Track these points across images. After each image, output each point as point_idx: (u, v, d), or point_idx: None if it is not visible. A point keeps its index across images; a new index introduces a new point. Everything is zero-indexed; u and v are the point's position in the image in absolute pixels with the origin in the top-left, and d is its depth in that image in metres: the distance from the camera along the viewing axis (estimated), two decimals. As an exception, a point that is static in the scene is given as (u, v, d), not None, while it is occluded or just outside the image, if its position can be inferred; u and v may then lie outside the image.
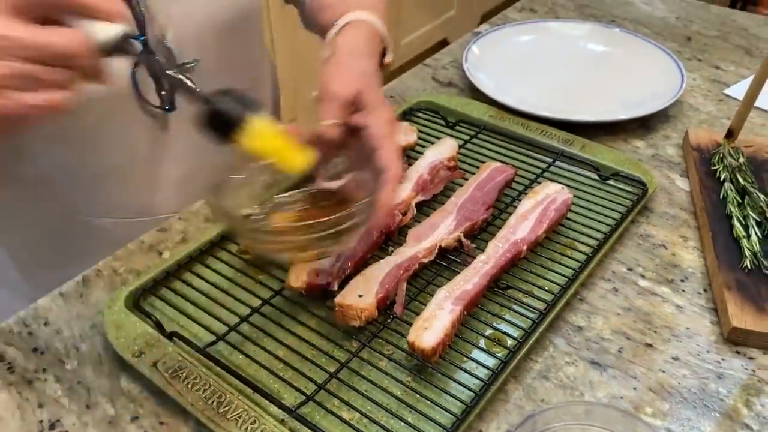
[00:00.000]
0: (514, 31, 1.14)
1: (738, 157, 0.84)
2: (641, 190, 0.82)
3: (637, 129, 0.96)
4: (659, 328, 0.68)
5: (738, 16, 1.24)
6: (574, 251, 0.75)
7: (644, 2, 1.30)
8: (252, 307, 0.68)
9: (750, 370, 0.64)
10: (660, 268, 0.75)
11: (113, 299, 0.68)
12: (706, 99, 1.03)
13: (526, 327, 0.65)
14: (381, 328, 0.65)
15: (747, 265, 0.71)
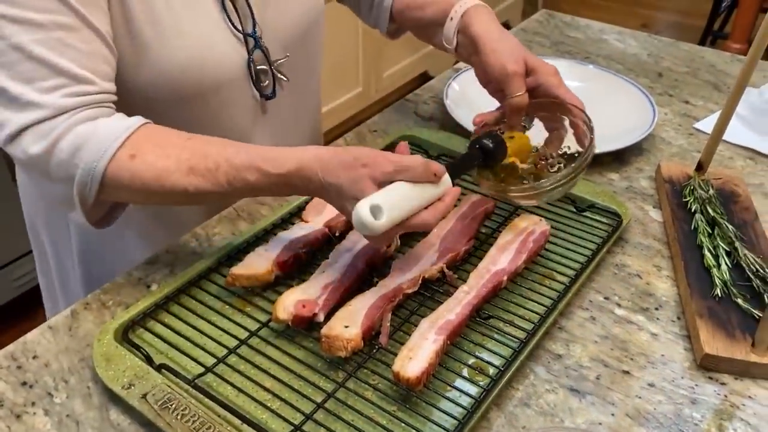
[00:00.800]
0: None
1: (708, 189, 0.88)
2: (616, 221, 0.85)
3: (611, 162, 0.99)
4: (635, 356, 0.70)
5: (706, 53, 1.30)
6: (552, 281, 0.78)
7: (617, 39, 1.35)
8: (240, 339, 0.69)
9: (722, 396, 0.66)
10: (635, 296, 0.77)
11: (102, 332, 0.69)
12: (677, 133, 1.07)
13: (507, 356, 0.67)
14: (367, 359, 0.67)
15: (718, 294, 0.74)
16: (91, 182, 0.68)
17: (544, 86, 0.84)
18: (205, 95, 0.82)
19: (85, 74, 0.69)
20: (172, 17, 0.77)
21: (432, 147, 0.99)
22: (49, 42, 0.67)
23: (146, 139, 0.70)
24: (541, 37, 1.36)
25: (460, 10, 0.88)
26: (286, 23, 0.89)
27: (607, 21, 1.43)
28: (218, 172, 0.69)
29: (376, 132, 1.06)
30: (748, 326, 0.70)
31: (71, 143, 0.67)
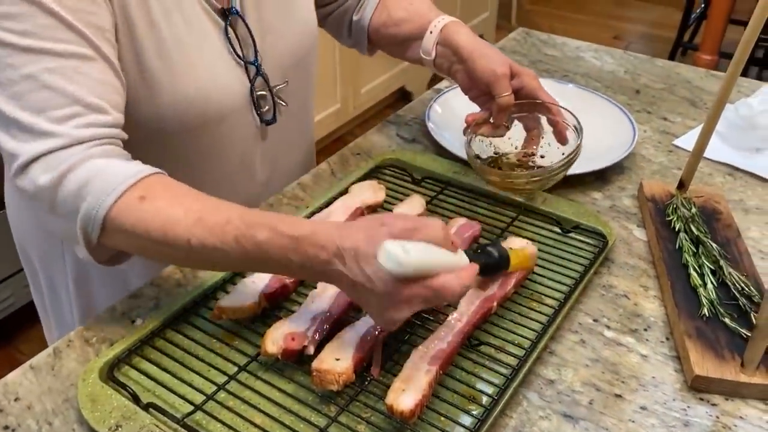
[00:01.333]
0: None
1: (690, 207, 0.88)
2: (602, 242, 0.85)
3: (594, 181, 1.00)
4: (626, 378, 0.70)
5: (681, 69, 1.32)
6: (541, 304, 0.78)
7: (594, 57, 1.37)
8: (228, 375, 0.68)
9: (714, 417, 0.67)
10: (624, 318, 0.78)
11: (87, 371, 0.67)
12: (657, 150, 1.08)
13: (499, 383, 0.67)
14: (359, 392, 0.66)
15: (705, 313, 0.74)
16: (95, 219, 0.65)
17: (527, 88, 0.92)
18: (210, 124, 0.83)
19: (99, 103, 0.68)
20: (181, 50, 0.78)
21: (416, 170, 0.99)
22: (62, 70, 0.66)
23: (159, 185, 0.68)
24: (519, 56, 1.37)
25: (438, 25, 0.95)
26: (284, 50, 0.91)
27: (580, 34, 1.46)
28: (228, 226, 0.64)
29: (359, 155, 1.06)
30: (736, 346, 0.71)
31: (82, 176, 0.65)
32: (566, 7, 4.42)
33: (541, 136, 0.95)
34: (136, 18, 0.74)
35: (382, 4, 1.02)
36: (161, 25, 0.76)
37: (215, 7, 0.82)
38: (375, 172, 0.99)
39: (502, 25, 3.96)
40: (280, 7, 0.89)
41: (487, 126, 0.93)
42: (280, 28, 0.89)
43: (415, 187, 0.96)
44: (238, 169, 0.91)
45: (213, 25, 0.82)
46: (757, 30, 0.78)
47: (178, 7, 0.78)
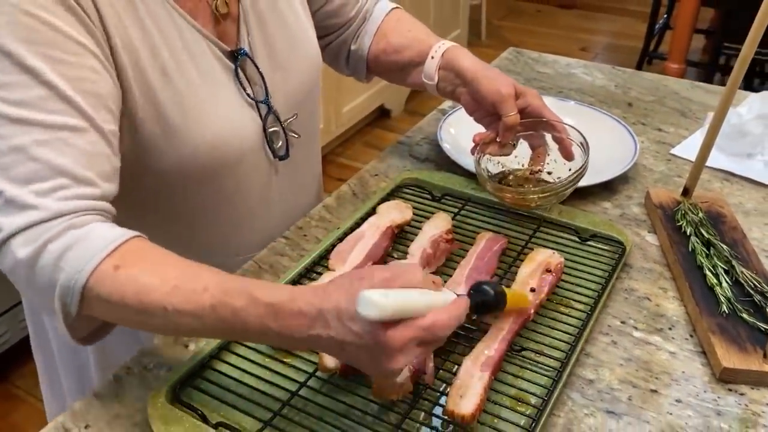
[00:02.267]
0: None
1: (697, 212, 0.95)
2: (619, 248, 0.91)
3: (602, 192, 1.06)
4: (659, 374, 0.76)
5: (669, 82, 1.39)
6: (571, 309, 0.83)
7: (585, 73, 1.44)
8: (291, 391, 0.72)
9: (743, 405, 0.72)
10: (648, 318, 0.83)
11: (154, 395, 0.70)
12: (656, 159, 1.15)
13: (545, 384, 0.72)
14: (417, 400, 0.70)
15: (724, 310, 0.80)
16: (74, 290, 0.63)
17: (531, 107, 0.96)
18: (229, 166, 0.85)
19: (87, 175, 0.67)
20: (195, 97, 0.80)
21: (435, 188, 1.04)
22: (52, 142, 0.65)
23: (137, 253, 0.66)
24: (513, 75, 1.43)
25: (440, 50, 0.98)
26: (293, 84, 0.93)
27: (549, 47, 1.53)
28: (205, 293, 0.62)
29: (377, 176, 1.11)
30: (756, 339, 0.77)
31: (60, 246, 0.63)
32: (533, 22, 4.55)
33: (547, 153, 0.99)
34: (149, 73, 0.76)
35: (381, 32, 1.04)
36: (175, 76, 0.78)
37: (224, 50, 0.83)
38: (396, 192, 1.04)
39: (473, 41, 4.06)
40: (288, 44, 0.92)
41: (494, 145, 0.97)
42: (288, 65, 0.91)
43: (437, 204, 1.01)
44: (256, 206, 0.93)
45: (223, 68, 0.83)
46: (753, 47, 0.85)
47: (190, 56, 0.79)
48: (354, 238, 0.90)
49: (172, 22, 0.78)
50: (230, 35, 0.85)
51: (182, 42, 0.79)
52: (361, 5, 1.05)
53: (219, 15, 0.83)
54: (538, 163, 1.00)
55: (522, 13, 4.68)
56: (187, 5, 0.80)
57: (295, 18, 0.93)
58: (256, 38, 0.87)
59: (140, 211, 0.83)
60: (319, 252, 0.90)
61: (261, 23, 0.88)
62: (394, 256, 0.91)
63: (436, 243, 0.88)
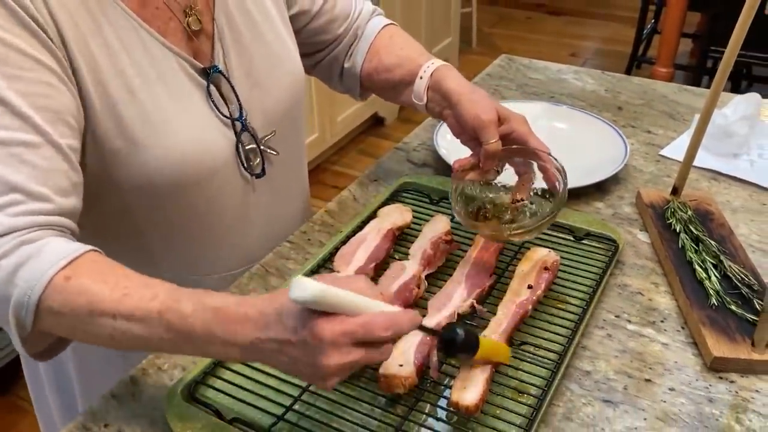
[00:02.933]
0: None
1: (686, 210, 0.99)
2: (612, 246, 0.95)
3: (595, 192, 1.09)
4: (653, 365, 0.79)
5: (657, 86, 1.43)
6: (567, 305, 0.86)
7: (575, 78, 1.48)
8: (302, 386, 0.75)
9: (734, 392, 0.76)
10: (641, 312, 0.87)
11: (171, 394, 0.73)
12: (645, 161, 1.18)
13: (545, 376, 0.75)
14: (422, 392, 0.74)
15: (714, 303, 0.84)
16: (28, 306, 0.63)
17: (516, 134, 0.91)
18: (200, 183, 0.84)
19: (41, 191, 0.67)
20: (161, 113, 0.79)
21: (433, 192, 1.07)
22: (6, 159, 0.65)
23: (88, 265, 0.66)
24: (506, 81, 1.47)
25: (428, 70, 0.96)
26: (271, 103, 0.92)
27: (539, 53, 1.57)
28: (154, 300, 0.62)
29: (376, 181, 1.14)
30: (744, 329, 0.80)
31: (13, 262, 0.63)
32: (523, 29, 4.61)
33: (532, 181, 0.92)
34: (113, 90, 0.76)
35: (373, 50, 1.03)
36: (140, 93, 0.78)
37: (197, 67, 0.83)
38: (396, 196, 1.07)
39: (464, 48, 4.11)
40: (267, 61, 0.91)
41: (475, 171, 0.92)
42: (266, 82, 0.91)
43: (435, 207, 1.05)
44: (232, 223, 0.92)
45: (195, 86, 0.83)
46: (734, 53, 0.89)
47: (158, 74, 0.79)
48: (357, 240, 0.94)
49: (138, 39, 0.78)
50: (204, 53, 0.85)
51: (149, 59, 0.78)
52: (351, 22, 1.04)
53: (191, 32, 0.83)
54: (522, 192, 0.92)
55: (512, 20, 4.74)
56: (155, 23, 0.80)
57: (275, 35, 0.92)
58: (231, 56, 0.87)
59: (110, 226, 0.83)
60: (323, 255, 0.93)
61: (237, 41, 0.88)
62: (395, 257, 0.94)
63: (436, 244, 0.91)
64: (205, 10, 0.85)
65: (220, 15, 0.86)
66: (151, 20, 0.80)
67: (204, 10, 0.85)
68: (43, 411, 1.08)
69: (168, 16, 0.82)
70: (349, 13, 1.04)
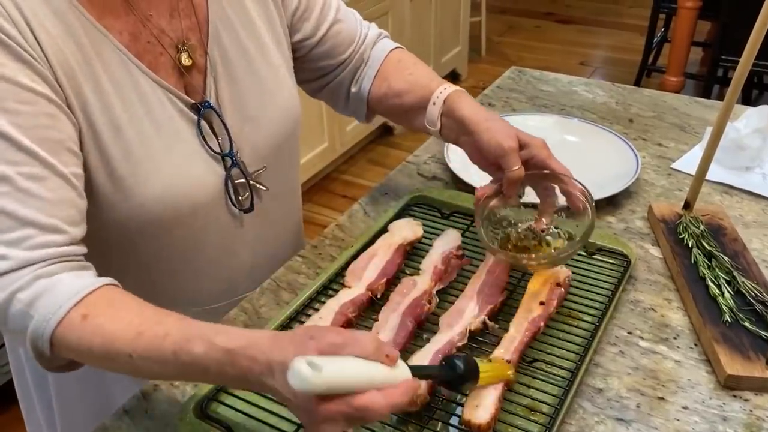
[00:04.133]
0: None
1: (699, 225, 0.98)
2: (624, 261, 0.94)
3: (606, 206, 1.09)
4: (666, 383, 0.79)
5: (667, 98, 1.43)
6: (579, 321, 0.86)
7: (586, 90, 1.48)
8: (313, 404, 0.75)
9: (748, 411, 0.75)
10: (654, 329, 0.86)
11: (183, 410, 0.73)
12: (657, 174, 1.18)
13: (557, 394, 0.75)
14: (434, 410, 0.73)
15: (727, 320, 0.83)
16: (43, 338, 0.66)
17: (537, 158, 0.89)
18: (184, 219, 0.84)
19: (53, 223, 0.69)
20: (145, 150, 0.79)
21: (444, 205, 1.07)
22: (14, 195, 0.67)
23: (103, 301, 0.68)
24: (517, 93, 1.47)
25: (441, 96, 0.94)
26: (263, 136, 0.91)
27: (548, 62, 1.57)
28: (166, 339, 0.64)
29: (387, 195, 1.14)
30: (759, 346, 0.80)
31: (30, 295, 0.66)
32: (533, 37, 4.61)
33: (556, 205, 0.92)
34: (99, 125, 0.76)
35: (381, 75, 1.01)
36: (127, 129, 0.77)
37: (187, 102, 0.83)
38: (407, 210, 1.07)
39: (473, 57, 4.12)
40: (260, 96, 0.90)
41: (498, 199, 0.92)
42: (259, 117, 0.90)
43: (446, 222, 1.05)
44: (217, 257, 0.92)
45: (186, 121, 0.83)
46: (747, 68, 0.89)
47: (147, 110, 0.79)
48: (368, 255, 0.94)
49: (128, 74, 0.78)
50: (196, 87, 0.85)
51: (137, 94, 0.78)
52: (357, 46, 1.03)
53: (182, 68, 0.83)
54: (545, 215, 0.92)
55: (521, 29, 4.74)
56: (146, 58, 0.80)
57: (270, 69, 0.91)
58: (224, 90, 0.86)
59: (98, 257, 0.81)
60: (335, 269, 0.93)
61: (230, 75, 0.87)
62: (406, 272, 0.94)
63: (447, 259, 0.91)
64: (198, 45, 0.85)
65: (213, 49, 0.86)
66: (142, 55, 0.80)
67: (197, 45, 0.85)
68: (33, 426, 1.09)
69: (159, 51, 0.81)
70: (355, 37, 1.02)
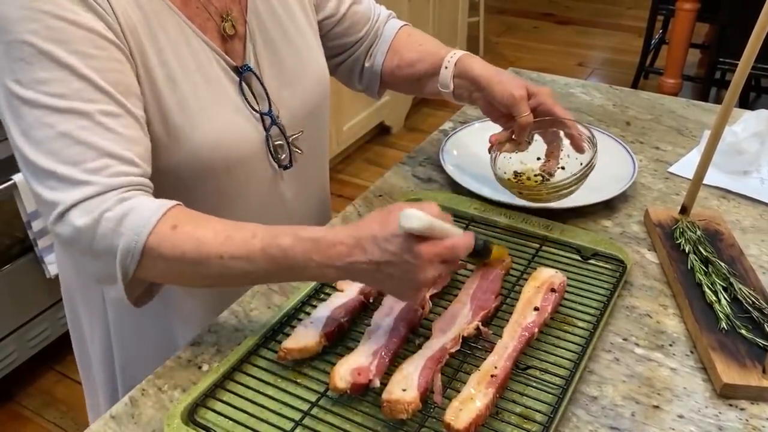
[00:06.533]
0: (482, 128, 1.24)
1: (695, 230, 0.97)
2: (620, 266, 0.93)
3: (602, 210, 1.08)
4: (661, 390, 0.78)
5: (665, 101, 1.42)
6: (574, 327, 0.85)
7: (583, 92, 1.47)
8: (302, 411, 0.73)
9: (744, 420, 0.74)
10: (649, 335, 0.85)
11: (170, 416, 0.72)
12: (654, 178, 1.17)
13: (550, 402, 0.73)
14: (425, 418, 0.72)
15: (724, 327, 0.82)
16: (134, 251, 0.71)
17: (543, 106, 1.02)
18: (230, 170, 0.90)
19: (128, 155, 0.75)
20: (198, 102, 0.85)
21: (439, 208, 1.06)
22: (93, 127, 0.73)
23: (186, 214, 0.76)
24: (513, 94, 1.46)
25: (452, 60, 1.05)
26: (299, 102, 0.98)
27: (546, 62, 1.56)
28: (254, 239, 0.72)
29: (381, 197, 1.13)
30: (755, 354, 0.79)
31: (118, 213, 0.72)
32: (530, 38, 4.60)
33: (561, 148, 1.05)
34: (158, 78, 0.82)
35: (393, 48, 1.11)
36: (181, 82, 0.84)
37: (231, 64, 0.90)
38: (401, 213, 1.06)
39: (472, 57, 4.10)
40: (295, 62, 0.97)
41: (510, 143, 1.04)
42: (295, 83, 0.97)
43: (441, 225, 1.03)
44: (259, 207, 0.97)
45: (229, 81, 0.90)
46: (745, 72, 0.88)
47: (198, 66, 0.86)
48: (361, 259, 0.92)
49: (181, 33, 0.84)
50: (237, 53, 0.92)
51: (190, 51, 0.85)
52: (371, 25, 1.12)
53: (226, 35, 0.90)
54: (553, 158, 1.06)
55: (519, 30, 4.73)
56: (196, 21, 0.86)
57: (303, 39, 0.99)
58: (262, 57, 0.93)
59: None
60: (327, 273, 0.92)
61: (268, 43, 0.94)
62: (400, 276, 0.93)
63: (442, 263, 0.90)
64: (238, 16, 0.92)
65: (252, 19, 0.93)
66: (193, 18, 0.86)
67: (238, 16, 0.92)
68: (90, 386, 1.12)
69: (206, 16, 0.88)
70: (370, 16, 1.12)
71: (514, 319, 0.82)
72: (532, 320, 0.81)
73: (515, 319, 0.82)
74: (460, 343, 0.79)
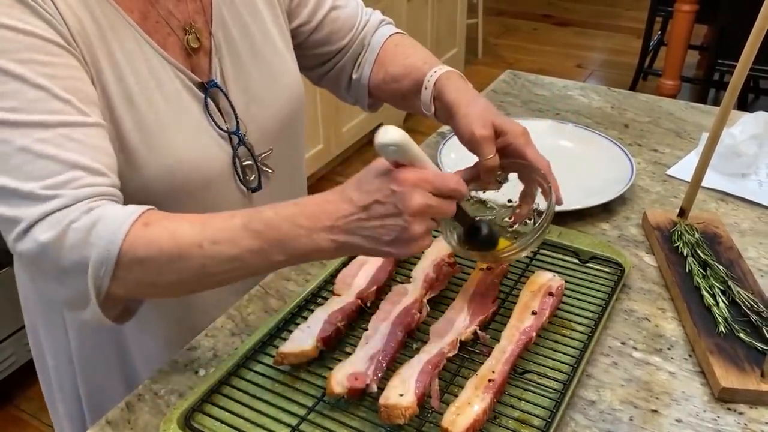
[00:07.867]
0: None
1: (694, 233, 0.97)
2: (618, 270, 0.93)
3: (600, 213, 1.08)
4: (659, 395, 0.77)
5: (663, 103, 1.42)
6: (572, 331, 0.85)
7: (581, 95, 1.46)
8: (300, 416, 0.73)
9: (743, 424, 0.74)
10: (648, 339, 0.85)
11: (166, 421, 0.71)
12: (652, 180, 1.17)
13: (549, 406, 0.73)
14: (423, 423, 0.72)
15: (722, 330, 0.82)
16: (107, 261, 0.65)
17: (513, 146, 0.85)
18: (192, 194, 0.84)
19: (97, 166, 0.70)
20: (158, 122, 0.80)
21: (436, 211, 1.06)
22: (54, 139, 0.68)
23: (159, 214, 0.71)
24: (511, 97, 1.46)
25: (432, 79, 0.92)
26: (269, 118, 0.92)
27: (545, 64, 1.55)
28: (234, 219, 0.68)
29: (379, 200, 1.12)
30: (754, 358, 0.78)
31: (86, 223, 0.66)
32: (530, 40, 4.60)
33: (534, 194, 0.87)
34: (113, 95, 0.77)
35: (379, 61, 1.01)
36: (139, 101, 0.78)
37: (195, 81, 0.84)
38: (398, 216, 1.05)
39: (470, 59, 4.11)
40: (264, 77, 0.91)
41: (477, 182, 0.87)
42: (264, 98, 0.91)
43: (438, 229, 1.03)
44: None
45: (193, 98, 0.84)
46: (744, 74, 0.87)
47: (157, 83, 0.80)
48: (358, 262, 0.92)
49: (139, 49, 0.79)
50: (202, 68, 0.86)
51: (148, 68, 0.80)
52: (356, 32, 1.02)
53: (190, 49, 0.84)
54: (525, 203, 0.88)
55: (518, 31, 4.73)
56: (155, 36, 0.81)
57: (273, 52, 0.93)
58: (229, 71, 0.88)
59: None
60: (324, 277, 0.92)
61: (235, 57, 0.88)
62: (397, 279, 0.93)
63: (439, 267, 0.90)
64: (203, 27, 0.86)
65: (217, 31, 0.87)
66: (152, 33, 0.81)
67: (202, 28, 0.86)
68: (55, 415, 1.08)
69: (167, 31, 0.83)
70: (354, 23, 1.02)
71: (511, 324, 0.81)
72: (530, 324, 0.81)
73: (513, 323, 0.81)
74: (457, 348, 0.79)
